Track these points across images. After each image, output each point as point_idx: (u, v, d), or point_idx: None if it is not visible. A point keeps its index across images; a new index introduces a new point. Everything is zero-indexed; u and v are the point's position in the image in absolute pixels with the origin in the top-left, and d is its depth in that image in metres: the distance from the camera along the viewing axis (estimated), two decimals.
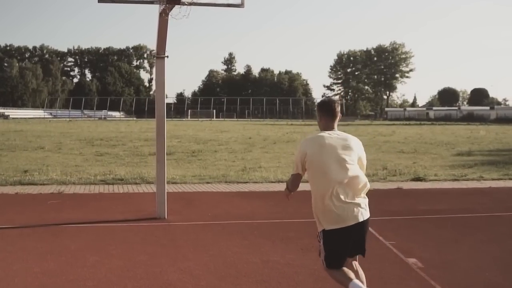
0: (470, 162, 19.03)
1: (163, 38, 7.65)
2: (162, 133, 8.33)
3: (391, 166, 17.18)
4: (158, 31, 7.63)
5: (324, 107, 4.74)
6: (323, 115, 4.74)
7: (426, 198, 11.25)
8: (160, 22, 7.50)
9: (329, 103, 4.76)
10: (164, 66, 8.00)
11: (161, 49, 7.88)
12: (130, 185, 12.24)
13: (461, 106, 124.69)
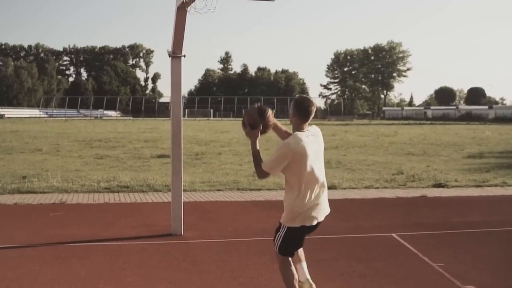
0: (485, 166, 18.31)
1: (180, 35, 6.84)
2: (178, 142, 7.54)
3: (406, 170, 16.46)
4: (175, 27, 6.83)
5: (301, 108, 4.72)
6: (298, 114, 4.73)
7: (456, 207, 10.49)
8: (178, 17, 6.71)
9: (306, 105, 4.74)
10: (180, 66, 7.21)
11: (178, 48, 7.09)
12: (137, 193, 11.43)
13: (459, 106, 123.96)
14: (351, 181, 13.89)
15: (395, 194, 11.94)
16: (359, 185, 13.25)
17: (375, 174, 15.49)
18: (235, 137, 35.14)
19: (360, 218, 9.14)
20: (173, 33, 6.98)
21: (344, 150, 25.33)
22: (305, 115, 4.73)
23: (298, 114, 4.73)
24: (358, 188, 12.80)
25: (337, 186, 12.85)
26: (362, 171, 16.55)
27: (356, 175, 15.34)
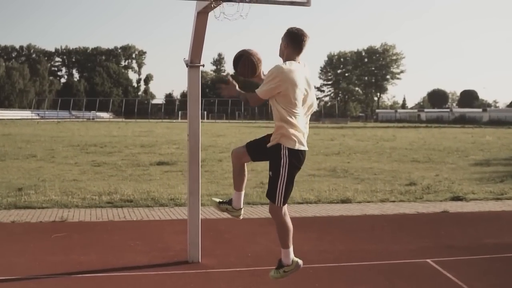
0: (496, 175, 17.74)
1: (199, 43, 6.17)
2: (196, 160, 6.87)
3: (418, 180, 15.85)
4: (194, 34, 6.15)
5: (296, 39, 4.75)
6: (293, 45, 4.75)
7: (483, 226, 9.83)
8: (198, 23, 6.03)
9: (302, 36, 4.76)
10: (199, 76, 6.51)
11: (196, 56, 6.40)
12: (142, 208, 10.71)
13: (453, 108, 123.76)
14: (364, 193, 13.26)
15: (414, 209, 11.29)
16: (374, 198, 12.61)
17: (386, 185, 14.86)
18: (233, 141, 34.44)
19: (387, 239, 8.47)
20: (191, 41, 6.30)
21: (347, 156, 24.73)
22: (299, 46, 4.76)
23: (292, 45, 4.75)
24: (374, 202, 12.14)
25: (352, 199, 12.19)
26: (371, 181, 15.93)
27: (367, 186, 14.70)
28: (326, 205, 11.53)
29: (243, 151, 5.46)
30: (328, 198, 12.24)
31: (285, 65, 4.75)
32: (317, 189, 13.64)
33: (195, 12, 5.99)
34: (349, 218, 10.11)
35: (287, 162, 4.95)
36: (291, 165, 4.97)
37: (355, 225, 9.50)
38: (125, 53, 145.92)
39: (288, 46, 4.78)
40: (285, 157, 4.95)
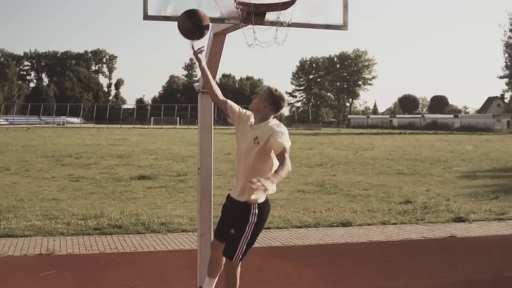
0: (489, 189, 17.34)
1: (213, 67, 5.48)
2: (209, 196, 6.14)
3: (411, 197, 15.39)
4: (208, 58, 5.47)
5: (277, 103, 4.81)
6: (272, 107, 4.79)
7: (498, 254, 9.29)
8: (214, 46, 5.38)
9: (282, 101, 4.86)
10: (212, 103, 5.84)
11: None
12: (132, 235, 9.98)
13: (425, 114, 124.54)
14: (362, 214, 12.70)
15: (419, 233, 10.75)
16: (374, 219, 12.04)
17: (381, 203, 14.35)
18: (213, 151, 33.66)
19: (403, 273, 7.87)
20: None
21: (330, 168, 24.27)
22: (277, 110, 4.85)
23: (271, 108, 4.79)
24: (375, 225, 11.57)
25: (352, 222, 11.61)
26: (364, 197, 15.42)
27: (362, 204, 14.15)
28: (327, 229, 10.93)
29: (214, 242, 5.29)
30: (327, 221, 11.65)
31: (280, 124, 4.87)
32: (312, 209, 13.06)
33: (211, 33, 5.33)
34: (355, 246, 9.51)
35: (255, 221, 4.85)
36: (259, 223, 4.90)
37: (364, 254, 8.91)
38: (96, 58, 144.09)
39: (267, 107, 4.78)
40: (254, 216, 4.85)
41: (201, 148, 5.88)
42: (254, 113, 4.91)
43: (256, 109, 4.87)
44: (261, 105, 4.82)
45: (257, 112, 4.87)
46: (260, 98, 4.83)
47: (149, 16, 4.45)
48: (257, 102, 4.85)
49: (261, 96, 4.85)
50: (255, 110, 4.88)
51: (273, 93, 4.82)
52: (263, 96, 4.84)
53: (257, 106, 4.84)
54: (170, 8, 4.56)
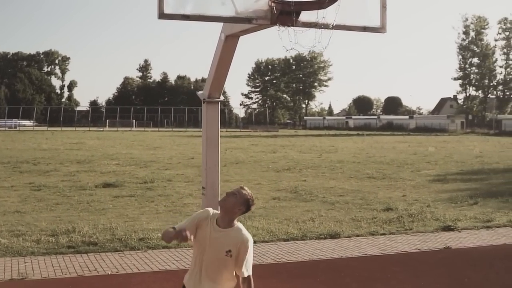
0: (465, 194, 17.12)
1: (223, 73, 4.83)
2: None
3: (390, 203, 15.03)
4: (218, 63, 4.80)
5: (248, 210, 4.61)
6: (242, 212, 4.58)
7: (501, 267, 8.86)
8: (225, 49, 4.71)
9: (251, 208, 4.65)
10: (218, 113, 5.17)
11: (217, 89, 5.07)
12: (110, 253, 9.21)
13: (381, 115, 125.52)
14: (346, 223, 12.19)
15: (412, 245, 10.28)
16: (361, 230, 11.53)
17: (362, 211, 13.88)
18: (173, 155, 32.95)
19: None
20: (212, 71, 4.95)
21: (299, 172, 23.77)
22: (245, 213, 4.66)
23: (242, 212, 4.57)
24: (364, 236, 11.05)
25: (340, 233, 11.05)
26: (342, 205, 14.94)
27: (342, 212, 13.66)
28: (316, 242, 10.36)
29: None
30: (313, 232, 11.08)
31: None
32: (294, 219, 12.49)
33: (222, 36, 4.65)
34: (352, 262, 8.95)
35: None
36: None
37: (365, 271, 8.36)
38: (48, 59, 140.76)
39: (241, 210, 4.55)
40: None
41: (206, 164, 5.20)
42: (225, 212, 4.53)
43: (230, 210, 4.51)
44: (236, 208, 4.51)
45: (229, 213, 4.53)
46: (237, 202, 4.50)
47: (165, 14, 3.75)
48: (234, 204, 4.50)
49: (238, 200, 4.51)
50: (229, 211, 4.51)
51: (249, 200, 4.56)
52: (240, 200, 4.52)
53: (232, 208, 4.51)
54: (189, 6, 3.85)
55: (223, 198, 4.55)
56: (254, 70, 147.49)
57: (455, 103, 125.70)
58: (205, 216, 4.55)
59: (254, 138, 61.26)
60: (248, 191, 4.57)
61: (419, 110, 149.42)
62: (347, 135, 77.61)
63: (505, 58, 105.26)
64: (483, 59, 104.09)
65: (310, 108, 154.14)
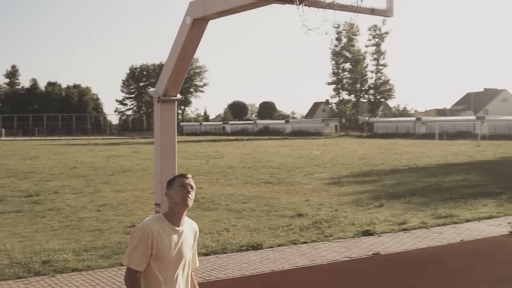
0: (366, 196, 17.12)
1: (184, 65, 3.98)
2: None
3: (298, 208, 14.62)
4: (181, 52, 3.94)
5: None
6: None
7: (439, 272, 8.52)
8: (191, 35, 3.85)
9: None
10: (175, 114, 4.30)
11: (174, 86, 4.20)
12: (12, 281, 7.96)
13: (257, 120, 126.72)
14: (263, 232, 11.57)
15: (340, 253, 9.80)
16: (281, 239, 10.92)
17: (273, 218, 13.33)
18: (53, 165, 30.93)
19: None
20: (171, 62, 4.08)
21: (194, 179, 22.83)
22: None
23: None
24: (286, 245, 10.44)
25: (262, 243, 10.37)
26: (249, 212, 14.35)
27: (254, 221, 13.01)
28: (239, 255, 9.62)
29: None
30: (233, 244, 10.33)
31: None
32: (207, 230, 11.67)
33: (188, 19, 3.80)
34: (287, 276, 8.27)
35: None
36: None
37: (304, 285, 7.73)
38: None
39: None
40: None
41: (161, 176, 4.29)
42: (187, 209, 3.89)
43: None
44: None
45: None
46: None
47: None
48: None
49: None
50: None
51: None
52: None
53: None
54: None
55: (191, 198, 3.84)
56: (128, 76, 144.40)
57: (328, 107, 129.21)
58: (151, 234, 3.70)
59: (133, 145, 59.54)
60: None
61: (293, 115, 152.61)
62: (227, 140, 77.42)
63: (376, 63, 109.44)
64: (355, 65, 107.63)
65: (186, 114, 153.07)
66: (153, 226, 3.73)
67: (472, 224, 12.61)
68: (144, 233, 3.69)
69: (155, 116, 4.37)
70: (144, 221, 3.82)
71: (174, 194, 3.79)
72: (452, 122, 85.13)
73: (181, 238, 3.83)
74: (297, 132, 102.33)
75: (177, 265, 3.83)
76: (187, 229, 3.92)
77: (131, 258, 3.68)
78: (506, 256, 9.46)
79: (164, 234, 3.72)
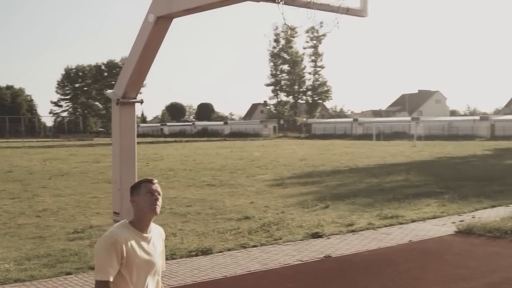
0: (310, 197, 17.17)
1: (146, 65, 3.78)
2: None
3: (243, 211, 14.51)
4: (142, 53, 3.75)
5: None
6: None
7: (391, 273, 8.50)
8: (154, 33, 3.66)
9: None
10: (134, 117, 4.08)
11: (135, 87, 4.01)
12: None
13: (195, 122, 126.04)
14: (211, 237, 11.35)
15: (291, 256, 9.69)
16: (230, 243, 10.73)
17: (220, 222, 13.13)
18: None
19: None
20: (131, 62, 3.87)
21: None
22: None
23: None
24: (236, 249, 10.26)
25: (211, 248, 10.15)
26: (194, 216, 14.13)
27: (200, 224, 12.78)
28: (189, 261, 9.39)
29: None
30: (182, 249, 10.08)
31: None
32: None
33: (151, 17, 3.59)
34: (240, 282, 8.10)
35: None
36: None
37: None
38: None
39: None
40: None
41: (121, 183, 4.10)
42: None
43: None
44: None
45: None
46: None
47: None
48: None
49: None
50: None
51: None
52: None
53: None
54: None
55: (159, 205, 3.72)
56: (64, 77, 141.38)
57: (266, 108, 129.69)
58: (119, 242, 3.52)
59: (69, 148, 58.23)
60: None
61: (231, 116, 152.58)
62: (165, 142, 76.81)
63: (313, 65, 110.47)
64: (293, 66, 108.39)
65: None
66: (121, 234, 3.55)
67: (418, 224, 12.73)
68: (112, 242, 3.51)
69: (113, 119, 4.14)
70: (110, 230, 3.62)
71: (141, 201, 3.62)
72: (389, 123, 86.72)
73: (150, 245, 3.69)
74: (235, 133, 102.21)
75: (147, 273, 3.69)
76: (155, 235, 3.79)
77: (100, 270, 3.50)
78: (455, 257, 9.54)
79: (132, 242, 3.56)
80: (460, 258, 9.38)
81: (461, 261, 9.17)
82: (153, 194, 3.64)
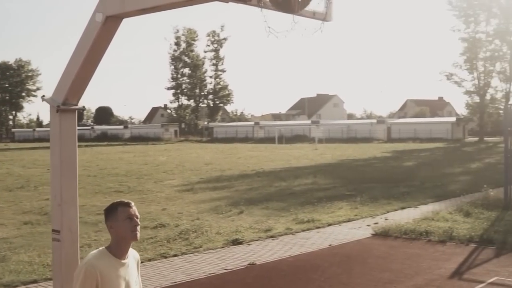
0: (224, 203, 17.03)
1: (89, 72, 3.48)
2: None
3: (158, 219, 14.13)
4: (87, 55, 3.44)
5: None
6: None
7: (319, 279, 8.45)
8: (101, 34, 3.36)
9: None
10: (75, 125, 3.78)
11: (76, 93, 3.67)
12: None
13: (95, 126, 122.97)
14: None
15: (215, 265, 9.48)
16: (150, 253, 10.41)
17: None
18: None
19: None
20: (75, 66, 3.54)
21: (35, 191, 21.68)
22: None
23: None
24: (157, 259, 9.94)
25: None
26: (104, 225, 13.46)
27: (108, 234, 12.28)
28: None
29: None
30: None
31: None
32: None
33: (99, 17, 3.30)
34: None
35: None
36: None
37: None
38: None
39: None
40: None
41: (61, 198, 3.72)
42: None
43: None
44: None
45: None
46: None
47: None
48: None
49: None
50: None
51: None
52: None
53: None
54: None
55: (139, 230, 3.54)
56: None
57: (167, 112, 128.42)
58: (95, 273, 3.34)
59: None
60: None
61: (131, 120, 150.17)
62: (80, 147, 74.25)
63: (214, 69, 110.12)
64: (194, 70, 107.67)
65: (18, 120, 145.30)
66: (97, 263, 3.36)
67: (335, 228, 12.83)
68: (87, 273, 3.34)
69: (51, 128, 3.78)
70: (87, 259, 3.41)
71: (121, 227, 3.43)
72: (290, 126, 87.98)
73: (127, 271, 3.52)
74: (136, 137, 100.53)
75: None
76: (131, 260, 3.61)
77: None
78: (378, 260, 9.63)
79: (109, 270, 3.37)
80: (382, 261, 9.48)
81: (384, 264, 9.26)
82: (133, 220, 3.47)
